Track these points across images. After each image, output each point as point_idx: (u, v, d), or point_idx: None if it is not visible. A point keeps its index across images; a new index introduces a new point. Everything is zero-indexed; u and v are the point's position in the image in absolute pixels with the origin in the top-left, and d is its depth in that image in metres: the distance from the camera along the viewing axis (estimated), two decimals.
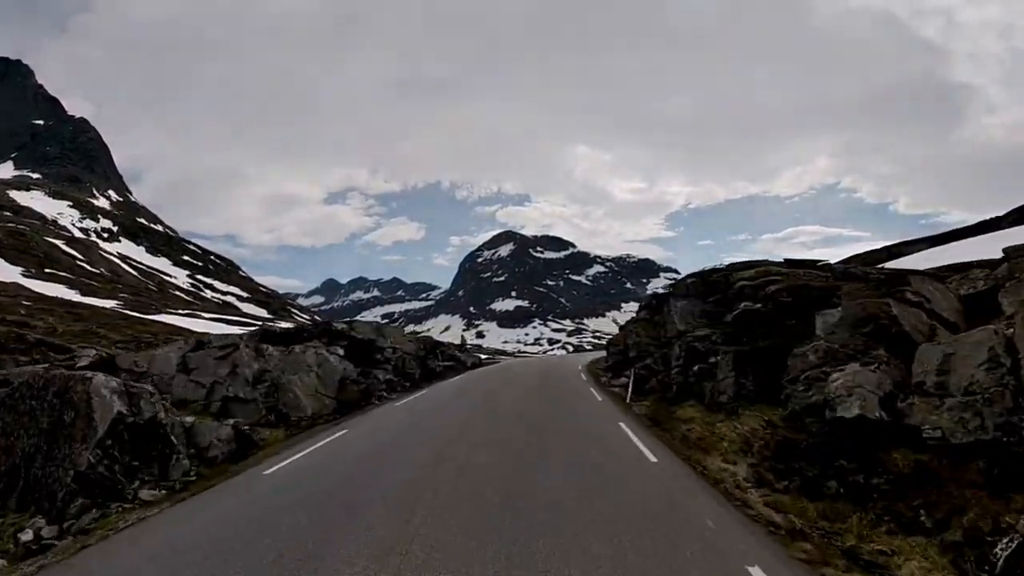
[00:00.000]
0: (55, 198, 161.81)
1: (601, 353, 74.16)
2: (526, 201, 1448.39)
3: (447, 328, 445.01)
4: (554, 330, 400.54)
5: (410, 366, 31.93)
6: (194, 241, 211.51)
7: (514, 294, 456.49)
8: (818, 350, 12.70)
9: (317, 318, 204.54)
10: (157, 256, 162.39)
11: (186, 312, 67.16)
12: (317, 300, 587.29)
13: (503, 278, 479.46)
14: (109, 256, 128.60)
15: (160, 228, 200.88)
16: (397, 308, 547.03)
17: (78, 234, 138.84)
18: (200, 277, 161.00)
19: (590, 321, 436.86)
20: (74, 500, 9.44)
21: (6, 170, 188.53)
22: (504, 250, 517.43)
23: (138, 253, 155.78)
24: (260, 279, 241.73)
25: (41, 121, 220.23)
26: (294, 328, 32.79)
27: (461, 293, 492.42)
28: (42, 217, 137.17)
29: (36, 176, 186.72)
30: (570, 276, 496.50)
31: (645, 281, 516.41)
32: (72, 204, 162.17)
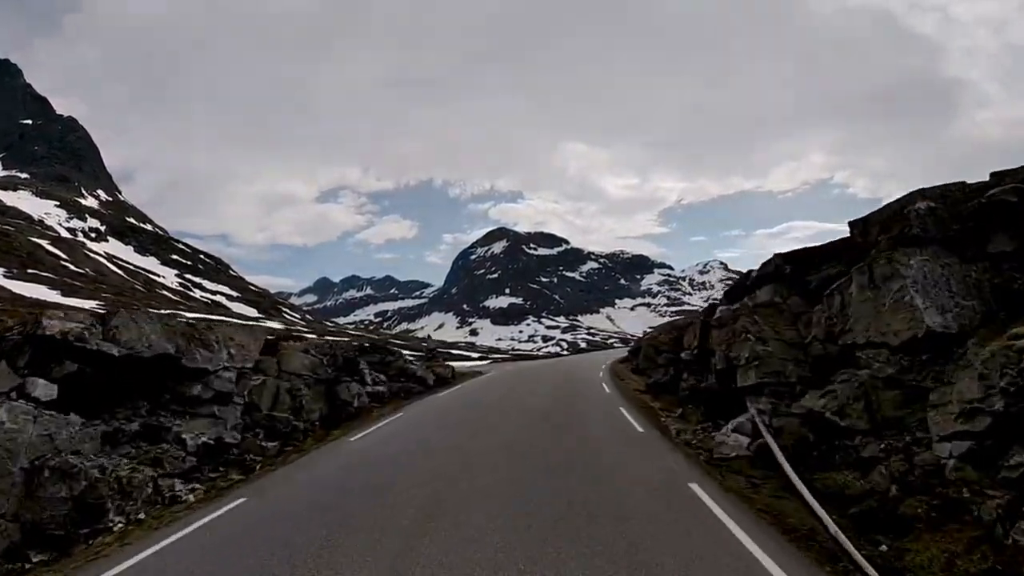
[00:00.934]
0: (42, 198, 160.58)
1: (606, 354, 71.37)
2: (519, 198, 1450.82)
3: (440, 325, 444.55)
4: (548, 327, 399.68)
5: (294, 403, 17.85)
6: (186, 241, 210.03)
7: (508, 291, 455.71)
8: None
9: (309, 317, 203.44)
10: (145, 256, 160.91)
11: (169, 312, 65.87)
12: (310, 299, 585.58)
13: (496, 275, 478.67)
14: (95, 256, 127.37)
15: (149, 228, 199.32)
16: (390, 306, 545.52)
17: (64, 234, 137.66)
18: (189, 276, 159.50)
19: (584, 318, 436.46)
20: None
21: None
22: (497, 247, 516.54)
23: (126, 253, 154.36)
24: (252, 278, 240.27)
25: (29, 120, 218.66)
26: None
27: (454, 291, 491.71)
28: (28, 217, 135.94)
29: (24, 176, 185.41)
30: (564, 273, 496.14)
31: (639, 277, 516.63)
32: (59, 204, 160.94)
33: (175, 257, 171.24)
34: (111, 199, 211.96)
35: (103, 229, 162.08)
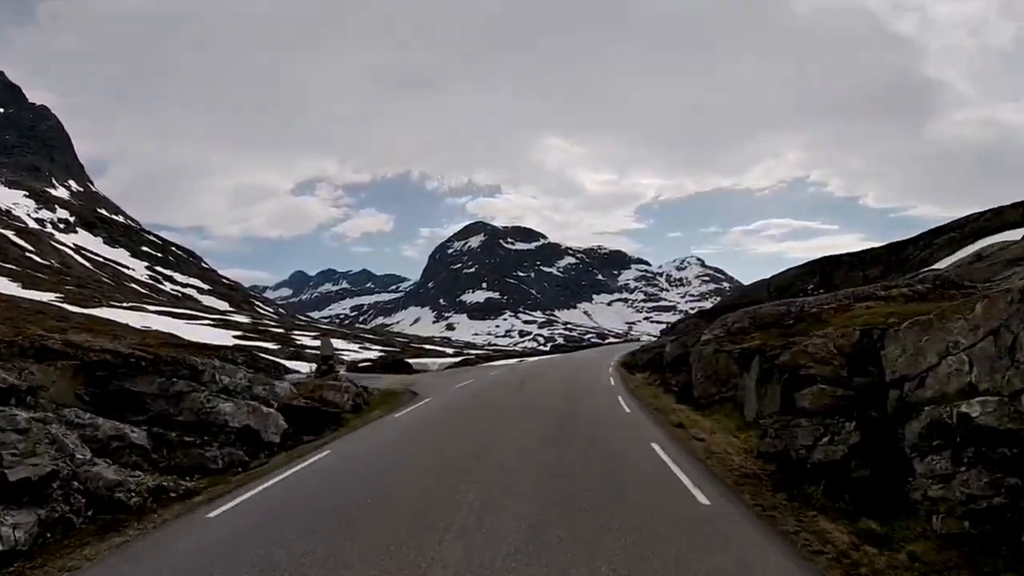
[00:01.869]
0: (11, 188, 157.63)
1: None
2: (497, 193, 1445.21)
3: (417, 320, 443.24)
4: (525, 322, 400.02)
5: None
6: (160, 233, 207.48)
7: (485, 286, 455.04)
8: None
9: (282, 311, 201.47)
10: (115, 247, 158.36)
11: (130, 305, 64.47)
12: (285, 293, 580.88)
13: (473, 269, 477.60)
14: (62, 247, 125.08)
15: (121, 219, 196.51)
16: (366, 300, 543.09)
17: (32, 225, 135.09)
18: (159, 269, 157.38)
19: (561, 313, 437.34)
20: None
21: None
22: (474, 241, 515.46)
23: (95, 244, 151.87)
24: (227, 271, 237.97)
25: (0, 109, 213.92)
26: None
27: (431, 285, 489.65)
28: None
29: None
30: (541, 268, 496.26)
31: (616, 273, 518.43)
32: (28, 194, 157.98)
33: (146, 249, 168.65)
34: (82, 189, 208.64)
35: (72, 220, 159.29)
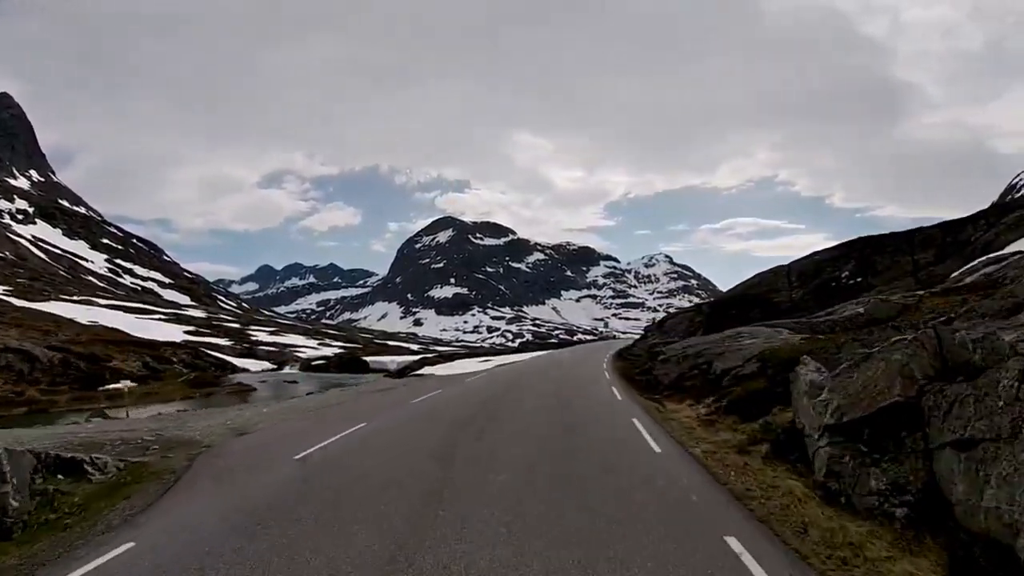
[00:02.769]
0: None
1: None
2: (466, 188, 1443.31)
3: (384, 315, 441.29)
4: (493, 318, 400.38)
5: None
6: (125, 225, 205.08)
7: (453, 281, 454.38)
8: None
9: (245, 305, 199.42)
10: (75, 239, 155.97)
11: (81, 299, 63.20)
12: (251, 287, 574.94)
13: (441, 264, 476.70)
14: (18, 239, 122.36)
15: (83, 210, 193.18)
16: (333, 295, 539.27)
17: None
18: (119, 261, 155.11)
19: (530, 309, 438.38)
20: None
21: None
22: (443, 236, 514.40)
23: (54, 236, 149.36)
24: (192, 265, 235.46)
25: None
26: None
27: (399, 280, 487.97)
28: None
29: None
30: (510, 263, 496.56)
31: (585, 269, 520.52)
32: None
33: (106, 241, 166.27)
34: (44, 180, 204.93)
35: (31, 211, 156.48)
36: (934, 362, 6.98)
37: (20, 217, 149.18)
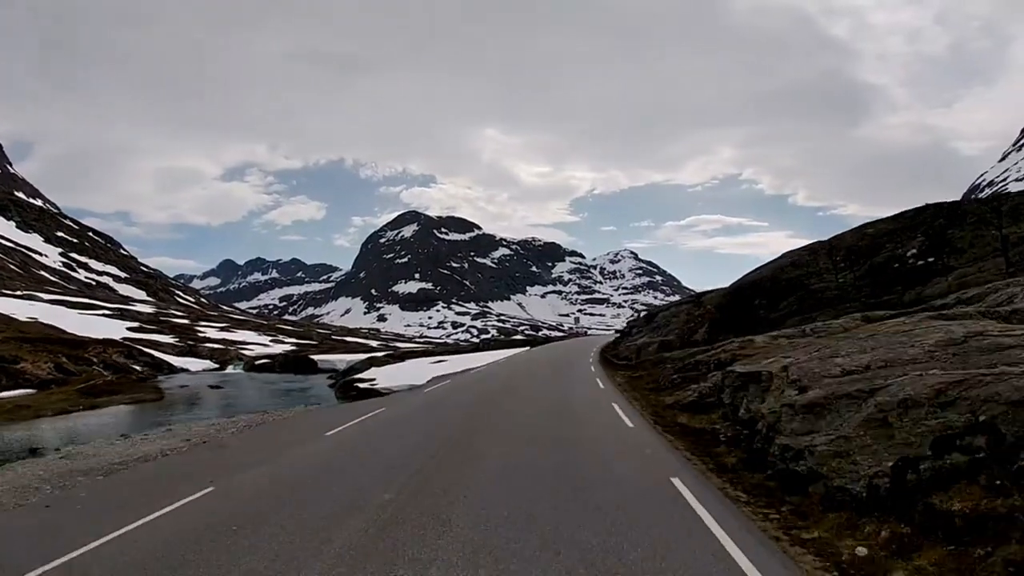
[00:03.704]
0: None
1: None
2: (431, 182, 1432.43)
3: (348, 311, 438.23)
4: (458, 313, 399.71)
5: None
6: (85, 219, 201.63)
7: (417, 276, 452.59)
8: None
9: (204, 300, 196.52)
10: (28, 232, 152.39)
11: (23, 294, 61.86)
12: (213, 282, 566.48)
13: (406, 260, 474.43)
14: None
15: (39, 203, 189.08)
16: (296, 290, 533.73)
17: None
18: (74, 255, 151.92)
19: (495, 304, 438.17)
20: None
21: None
22: (408, 231, 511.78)
23: (6, 229, 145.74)
24: (153, 259, 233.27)
25: None
26: None
27: (363, 275, 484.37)
28: None
29: None
30: (475, 258, 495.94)
31: (551, 265, 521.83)
32: None
33: (61, 234, 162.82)
34: None
35: None
36: None
37: None
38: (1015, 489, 5.87)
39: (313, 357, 60.23)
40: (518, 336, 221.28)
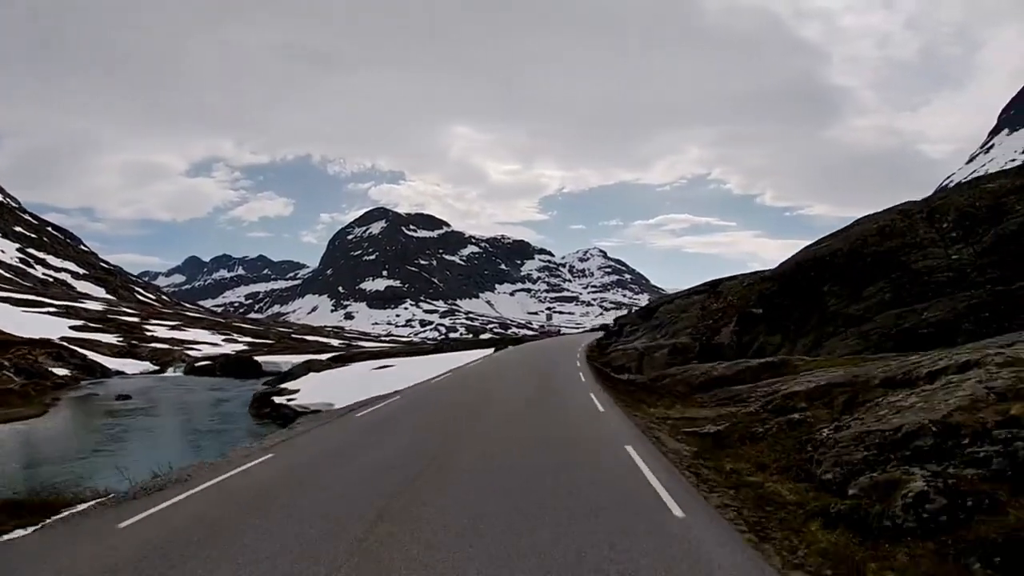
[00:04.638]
0: None
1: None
2: (400, 179, 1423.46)
3: (314, 308, 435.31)
4: (427, 311, 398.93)
5: None
6: (48, 214, 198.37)
7: (385, 273, 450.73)
8: None
9: (165, 298, 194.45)
10: None
11: None
12: (178, 279, 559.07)
13: (374, 257, 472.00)
14: None
15: None
16: (262, 288, 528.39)
17: None
18: (32, 251, 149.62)
19: (463, 302, 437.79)
20: None
21: None
22: (376, 227, 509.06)
23: None
24: (118, 256, 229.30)
25: None
26: None
27: (330, 272, 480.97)
28: None
29: None
30: (444, 256, 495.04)
31: (519, 263, 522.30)
32: None
33: (19, 230, 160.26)
34: None
35: None
36: None
37: None
38: None
39: (259, 359, 57.29)
40: (486, 335, 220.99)
